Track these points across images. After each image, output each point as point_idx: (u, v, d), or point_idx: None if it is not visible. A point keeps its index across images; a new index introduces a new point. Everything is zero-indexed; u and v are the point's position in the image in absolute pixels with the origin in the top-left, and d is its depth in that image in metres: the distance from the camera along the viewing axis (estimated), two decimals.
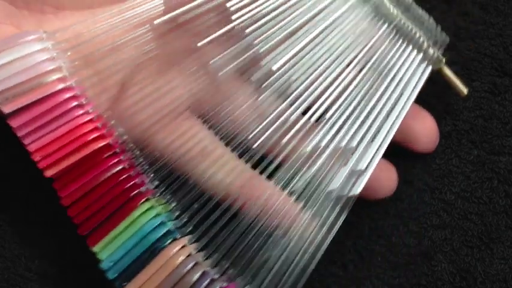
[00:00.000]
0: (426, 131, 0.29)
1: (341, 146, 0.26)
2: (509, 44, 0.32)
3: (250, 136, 0.26)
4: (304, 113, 0.26)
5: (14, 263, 0.30)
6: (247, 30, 0.26)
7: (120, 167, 0.25)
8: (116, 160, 0.25)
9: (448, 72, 0.28)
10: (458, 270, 0.29)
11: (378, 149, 0.26)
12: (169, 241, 0.25)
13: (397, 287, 0.29)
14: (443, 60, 0.28)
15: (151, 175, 0.26)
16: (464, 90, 0.29)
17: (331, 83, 0.26)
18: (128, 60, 0.26)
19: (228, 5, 0.26)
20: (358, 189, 0.26)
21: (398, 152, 0.29)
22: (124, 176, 0.25)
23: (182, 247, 0.25)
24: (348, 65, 0.27)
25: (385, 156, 0.27)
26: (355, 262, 0.30)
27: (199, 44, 0.25)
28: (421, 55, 0.28)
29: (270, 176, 0.26)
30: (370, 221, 0.30)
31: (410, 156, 0.31)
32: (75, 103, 0.25)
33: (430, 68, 0.28)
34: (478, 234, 0.30)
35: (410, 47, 0.28)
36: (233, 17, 0.26)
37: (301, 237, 0.26)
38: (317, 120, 0.26)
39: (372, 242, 0.30)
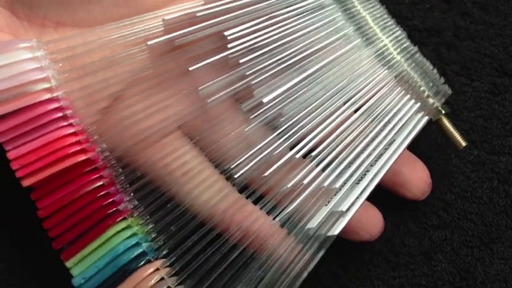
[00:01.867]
0: (416, 179, 0.29)
1: (324, 186, 0.26)
2: (509, 44, 0.32)
3: (234, 165, 0.25)
4: (292, 147, 0.26)
5: (13, 263, 0.30)
6: (242, 61, 0.25)
7: (99, 183, 0.25)
8: (95, 176, 0.25)
9: (446, 123, 0.28)
10: (458, 270, 0.29)
11: (362, 192, 0.26)
12: (142, 263, 0.25)
13: (397, 287, 0.29)
14: (443, 111, 0.28)
15: (131, 194, 0.25)
16: (463, 142, 0.28)
17: (322, 121, 0.26)
18: (120, 77, 0.26)
19: (225, 33, 0.25)
20: (336, 230, 0.25)
21: None
22: (102, 193, 0.25)
23: (155, 270, 0.24)
24: (342, 105, 0.26)
25: None
26: (355, 262, 0.30)
27: (190, 69, 0.25)
28: (419, 104, 0.27)
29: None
30: None
31: None
32: (59, 114, 0.24)
33: (426, 118, 0.28)
34: (478, 234, 0.30)
35: (409, 95, 0.27)
36: (229, 46, 0.25)
37: (278, 269, 0.25)
38: (305, 156, 0.26)
39: (372, 242, 0.30)
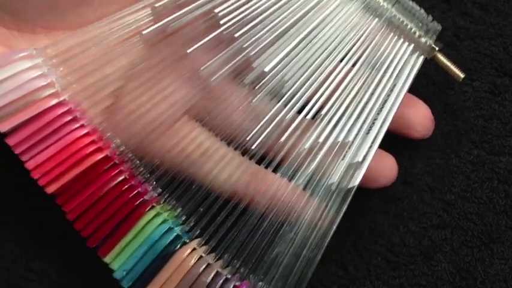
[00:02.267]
0: (420, 118, 0.29)
1: (338, 141, 0.27)
2: (509, 44, 0.32)
3: (248, 138, 0.26)
4: (300, 110, 0.27)
5: (14, 263, 0.30)
6: (237, 35, 0.26)
7: (121, 178, 0.25)
8: (116, 171, 0.25)
9: (442, 59, 0.29)
10: (458, 270, 0.29)
11: (373, 141, 0.27)
12: (178, 245, 0.25)
13: (397, 287, 0.29)
14: (436, 48, 0.28)
15: (154, 183, 0.26)
16: (461, 74, 0.29)
17: (324, 80, 0.27)
18: (120, 72, 0.26)
19: (216, 10, 0.26)
20: (356, 181, 0.26)
21: (398, 153, 0.29)
22: (126, 186, 0.25)
23: (192, 250, 0.25)
24: (340, 61, 0.27)
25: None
26: (355, 262, 0.30)
27: (188, 51, 0.25)
28: (412, 45, 0.28)
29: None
30: (370, 221, 0.30)
31: (411, 157, 0.31)
32: (69, 118, 0.25)
33: (422, 58, 0.28)
34: (478, 234, 0.30)
35: (402, 39, 0.28)
36: (221, 22, 0.26)
37: (307, 228, 0.26)
38: (313, 117, 0.27)
39: (372, 242, 0.30)
